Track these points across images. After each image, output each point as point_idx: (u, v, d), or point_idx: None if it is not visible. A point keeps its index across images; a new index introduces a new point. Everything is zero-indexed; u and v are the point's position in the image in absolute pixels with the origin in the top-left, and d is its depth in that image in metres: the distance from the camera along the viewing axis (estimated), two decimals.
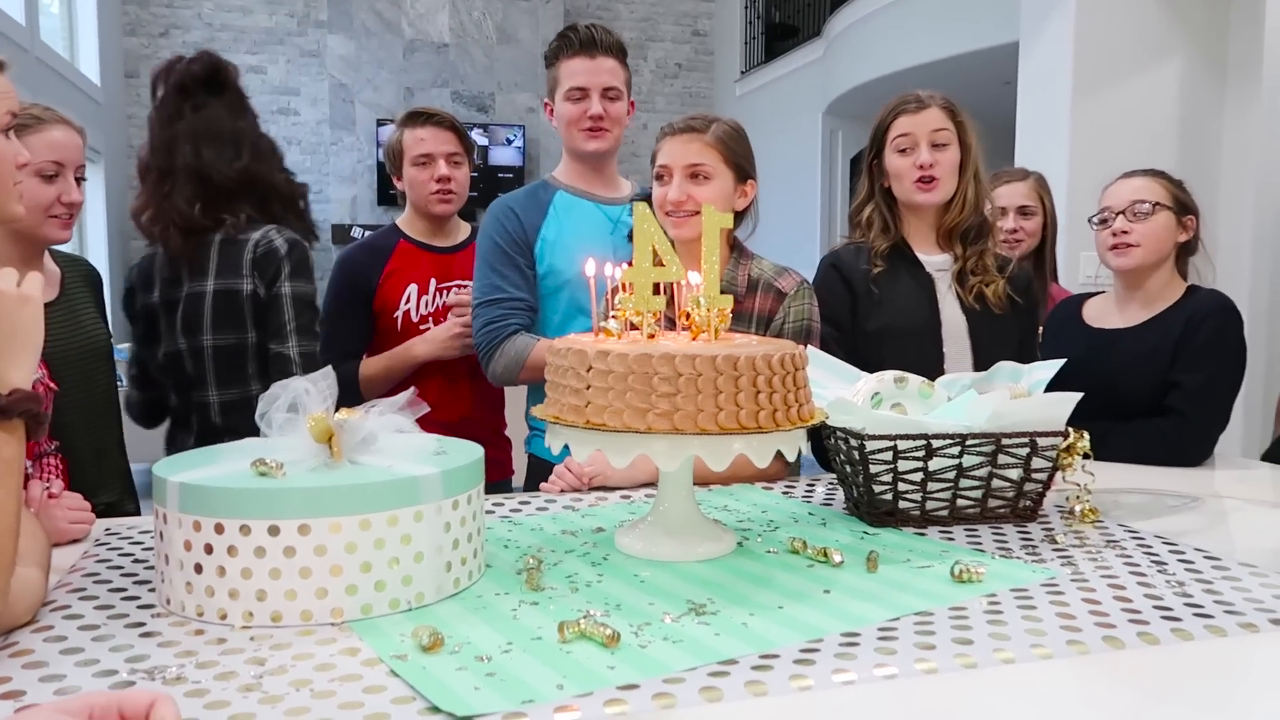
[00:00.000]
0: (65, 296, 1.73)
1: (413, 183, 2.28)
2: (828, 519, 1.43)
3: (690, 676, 0.87)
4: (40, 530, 1.13)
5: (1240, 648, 0.96)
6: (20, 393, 0.91)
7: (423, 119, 2.29)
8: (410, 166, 2.27)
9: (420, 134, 2.27)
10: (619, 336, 1.26)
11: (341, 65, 9.08)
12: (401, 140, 2.29)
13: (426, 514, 1.04)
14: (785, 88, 8.71)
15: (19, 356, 0.93)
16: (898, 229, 1.91)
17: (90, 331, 1.74)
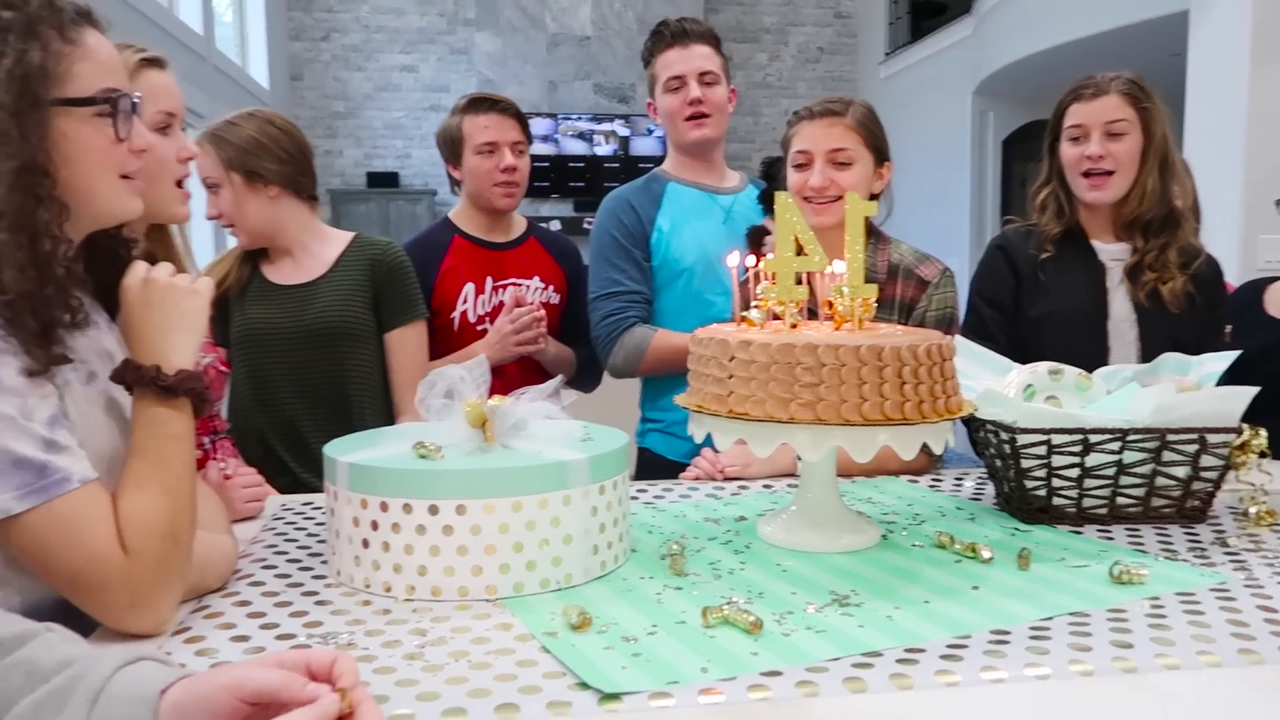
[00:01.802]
0: (325, 279, 1.84)
1: (475, 172, 2.12)
2: (976, 514, 1.39)
3: (834, 666, 0.87)
4: (223, 503, 1.23)
5: None
6: (185, 373, 0.99)
7: (486, 105, 2.14)
8: (473, 155, 2.12)
9: (483, 121, 2.12)
10: (761, 326, 1.26)
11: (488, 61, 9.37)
12: (461, 127, 2.13)
13: (574, 498, 1.08)
14: (933, 68, 8.42)
15: (184, 342, 1.01)
16: (1072, 214, 1.82)
17: (324, 315, 1.82)
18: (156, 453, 0.96)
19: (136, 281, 1.01)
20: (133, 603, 0.91)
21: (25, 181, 0.89)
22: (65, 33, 0.93)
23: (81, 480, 0.89)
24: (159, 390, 0.97)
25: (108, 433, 1.00)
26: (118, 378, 0.99)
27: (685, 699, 0.81)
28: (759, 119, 9.78)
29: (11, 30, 0.90)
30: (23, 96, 0.89)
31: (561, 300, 2.23)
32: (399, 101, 9.47)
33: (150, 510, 0.93)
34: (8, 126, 0.89)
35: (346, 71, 9.40)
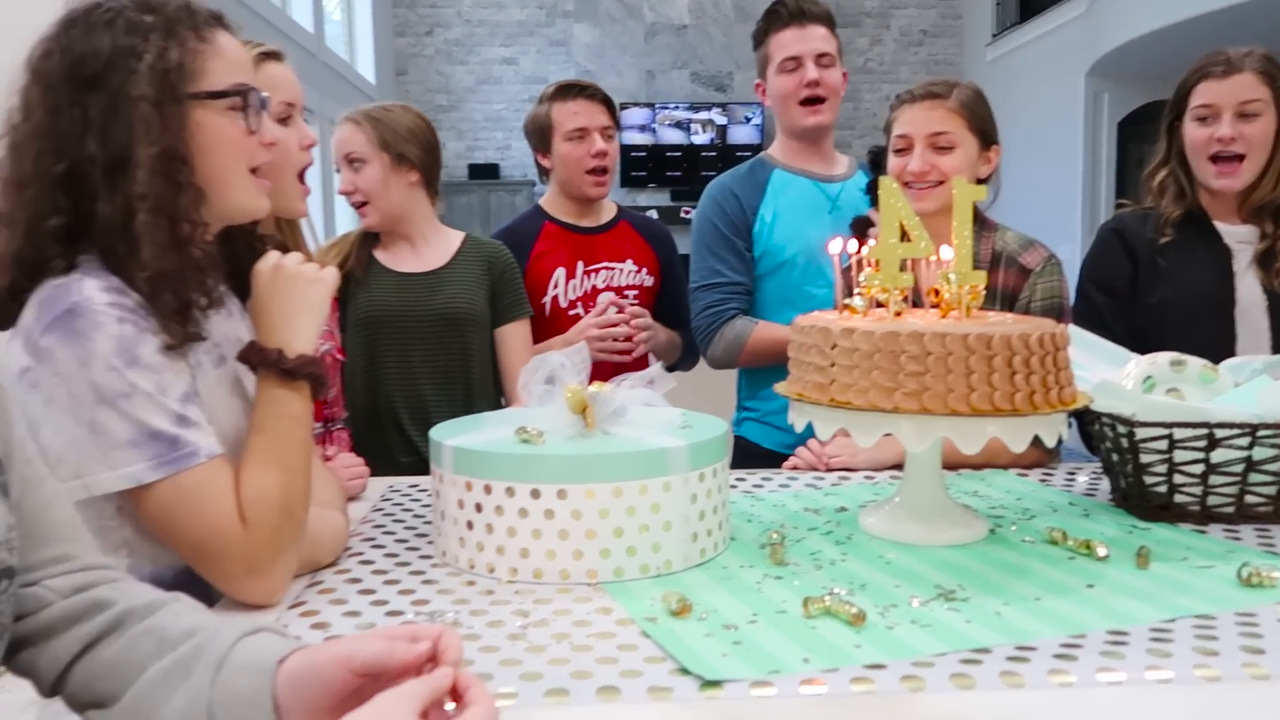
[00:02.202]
0: (445, 270, 1.92)
1: (566, 159, 2.11)
2: (1091, 510, 1.34)
3: (940, 662, 0.85)
4: (337, 483, 1.28)
5: None
6: (305, 357, 1.04)
7: (575, 91, 2.12)
8: (563, 142, 2.10)
9: (573, 107, 2.10)
10: (864, 314, 1.24)
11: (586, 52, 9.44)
12: (550, 115, 2.11)
13: (674, 485, 1.08)
14: (1043, 49, 8.11)
15: (306, 327, 1.06)
16: (1194, 196, 1.72)
17: (449, 303, 1.91)
18: (276, 431, 1.01)
19: (267, 267, 1.07)
20: (249, 571, 0.96)
21: (166, 168, 0.95)
22: (200, 33, 1.00)
23: (208, 455, 0.94)
24: (281, 372, 1.02)
25: (233, 412, 1.05)
26: (243, 358, 1.04)
27: (787, 688, 0.81)
28: (859, 105, 9.59)
29: (153, 31, 0.96)
30: (163, 90, 0.96)
31: (655, 283, 2.22)
32: (499, 94, 9.62)
33: (268, 485, 0.97)
34: (150, 116, 0.94)
35: (449, 65, 9.60)
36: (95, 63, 0.94)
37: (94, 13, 0.96)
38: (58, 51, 0.95)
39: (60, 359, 0.91)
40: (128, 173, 0.94)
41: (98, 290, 0.93)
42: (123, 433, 0.91)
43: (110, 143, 0.94)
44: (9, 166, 0.95)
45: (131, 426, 0.91)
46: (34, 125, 0.94)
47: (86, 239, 0.95)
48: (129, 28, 0.95)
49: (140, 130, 0.94)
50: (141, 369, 0.92)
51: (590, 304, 2.14)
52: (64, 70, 0.94)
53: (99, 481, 0.91)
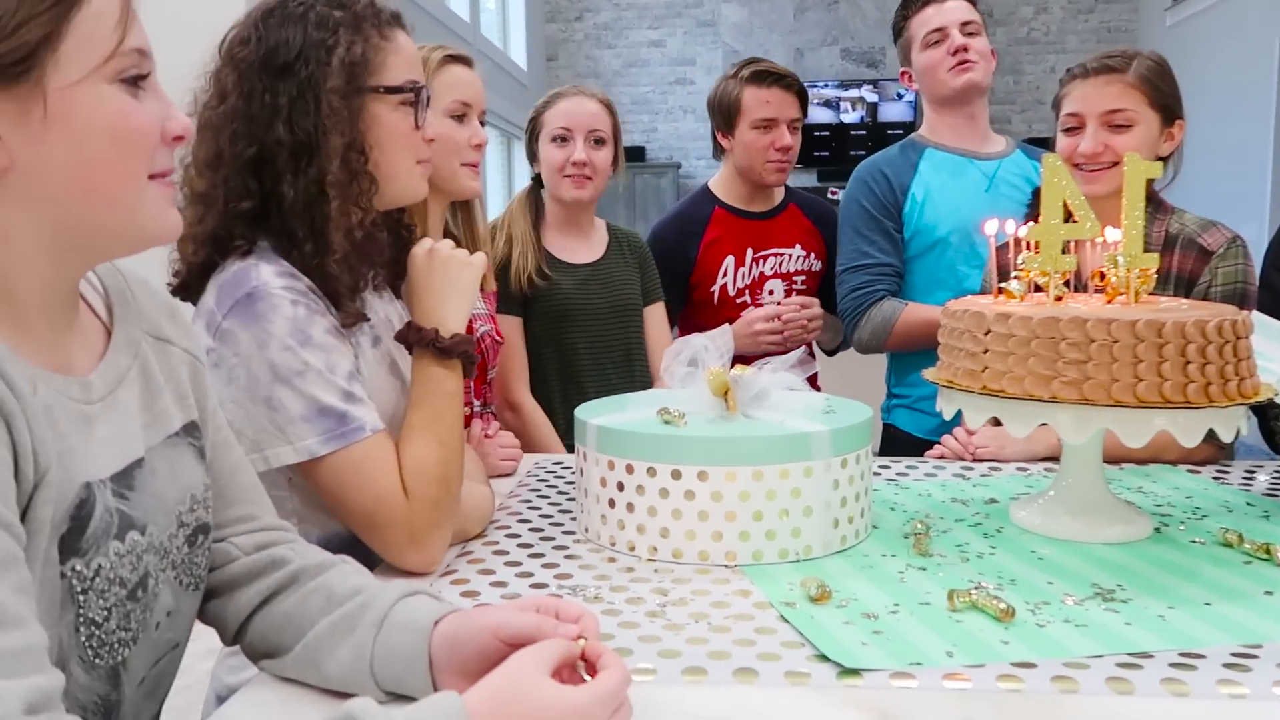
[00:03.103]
0: (605, 259, 2.01)
1: (749, 147, 2.07)
2: (1272, 511, 1.24)
3: (1095, 664, 0.81)
4: (480, 458, 1.33)
5: None
6: (459, 336, 1.09)
7: (771, 79, 2.07)
8: (749, 129, 2.06)
9: (766, 95, 2.06)
10: (1021, 299, 1.18)
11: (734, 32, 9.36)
12: (741, 97, 2.07)
13: (816, 470, 1.07)
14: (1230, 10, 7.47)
15: (458, 308, 1.11)
16: None
17: (619, 290, 2.00)
18: (432, 407, 1.05)
19: (422, 252, 1.12)
20: (411, 540, 1.01)
21: (350, 157, 1.02)
22: (382, 30, 1.06)
23: (373, 429, 1.00)
24: (436, 351, 1.07)
25: (389, 390, 1.11)
26: (401, 338, 1.09)
27: (928, 681, 0.79)
28: (1020, 78, 9.11)
29: (342, 26, 1.02)
30: (350, 81, 1.02)
31: (823, 267, 2.19)
32: (646, 76, 9.66)
33: (428, 458, 1.02)
34: (339, 107, 1.01)
35: (598, 50, 9.71)
36: (288, 52, 1.01)
37: (289, 5, 1.03)
38: (254, 39, 1.02)
39: (241, 340, 0.98)
40: (314, 159, 1.00)
41: (273, 275, 0.99)
42: (297, 408, 0.98)
43: (298, 129, 1.00)
44: (203, 146, 1.02)
45: (305, 402, 0.98)
46: (228, 108, 1.01)
47: (266, 221, 1.02)
48: (320, 21, 1.02)
49: (329, 120, 1.00)
50: (313, 348, 0.99)
51: (758, 291, 2.13)
52: (259, 57, 1.01)
53: (277, 454, 0.98)
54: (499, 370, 1.86)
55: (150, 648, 0.74)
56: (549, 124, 1.94)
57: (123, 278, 0.80)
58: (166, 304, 0.84)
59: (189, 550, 0.77)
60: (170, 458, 0.76)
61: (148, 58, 0.68)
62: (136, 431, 0.73)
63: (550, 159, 1.93)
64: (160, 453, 0.75)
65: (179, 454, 0.78)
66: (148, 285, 0.83)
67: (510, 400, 1.87)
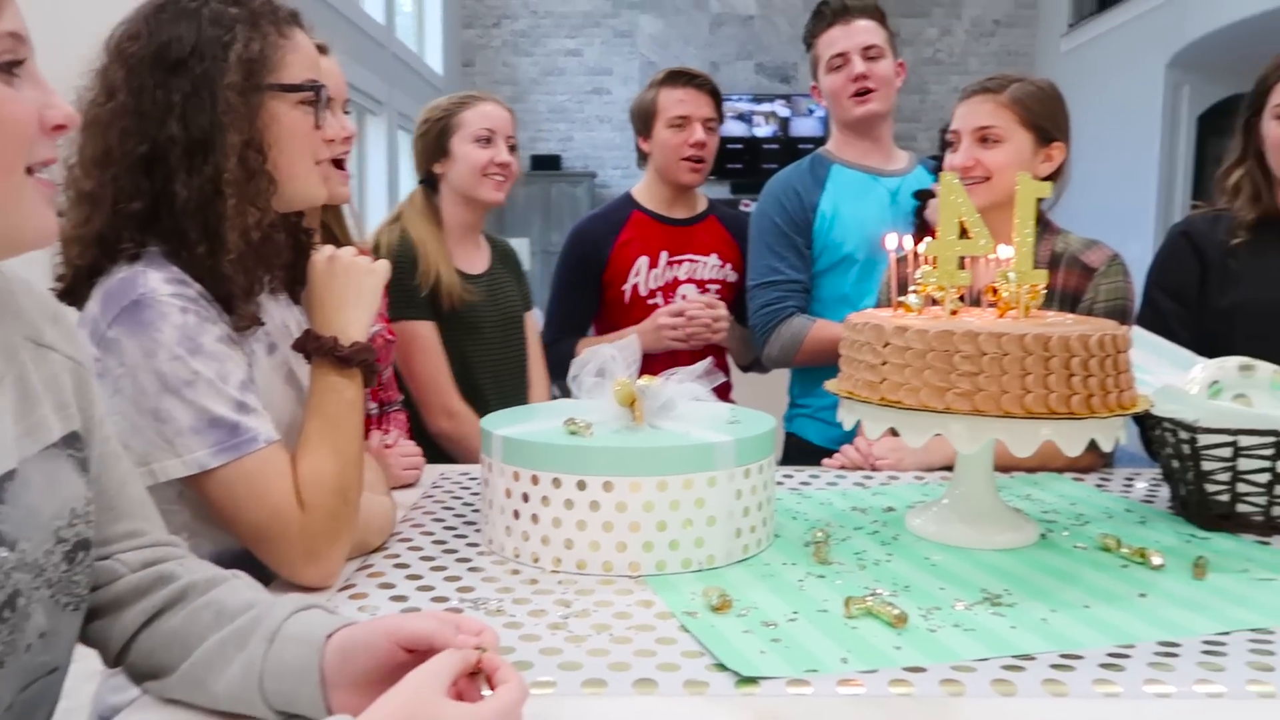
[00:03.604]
0: (492, 270, 2.02)
1: (664, 146, 2.12)
2: (1148, 517, 1.30)
3: (982, 667, 0.84)
4: (381, 468, 1.30)
5: None
6: (359, 345, 1.07)
7: (684, 79, 2.13)
8: (664, 128, 2.11)
9: (679, 95, 2.11)
10: (919, 312, 1.22)
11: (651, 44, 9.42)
12: (657, 100, 2.13)
13: (720, 480, 1.08)
14: (1121, 39, 7.85)
15: (359, 316, 1.09)
16: (1271, 198, 1.66)
17: (509, 300, 2.02)
18: (331, 417, 1.03)
19: (323, 258, 1.10)
20: (307, 554, 0.98)
21: (247, 155, 0.99)
22: (280, 28, 1.04)
23: (267, 440, 0.97)
24: (335, 360, 1.05)
25: (286, 399, 1.08)
26: (299, 347, 1.07)
27: (824, 688, 0.81)
28: (926, 97, 9.41)
29: (239, 22, 1.00)
30: (248, 78, 0.99)
31: (739, 279, 2.21)
32: (563, 85, 9.66)
33: (324, 469, 1.00)
34: (237, 104, 0.98)
35: (515, 57, 9.67)
36: (181, 48, 0.98)
37: (181, 1, 1.00)
38: (145, 35, 0.99)
39: (127, 349, 0.94)
40: (209, 157, 0.97)
41: (161, 282, 0.96)
42: (186, 419, 0.94)
43: (193, 126, 0.97)
44: (89, 144, 0.98)
45: (195, 413, 0.95)
46: (117, 105, 0.98)
47: (157, 223, 0.99)
48: (215, 18, 0.99)
49: (226, 117, 0.97)
50: (204, 357, 0.96)
51: (670, 295, 2.16)
52: (150, 53, 0.98)
53: (165, 468, 0.95)
54: (429, 378, 1.85)
55: (19, 671, 0.70)
56: (469, 125, 1.92)
57: (3, 280, 0.76)
58: (50, 308, 0.81)
59: (68, 568, 0.74)
60: (47, 470, 0.73)
61: (23, 43, 0.66)
62: (9, 442, 0.70)
63: (474, 159, 1.91)
64: (36, 464, 0.72)
65: (57, 466, 0.74)
66: (30, 288, 0.79)
67: (446, 408, 1.85)
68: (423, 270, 1.85)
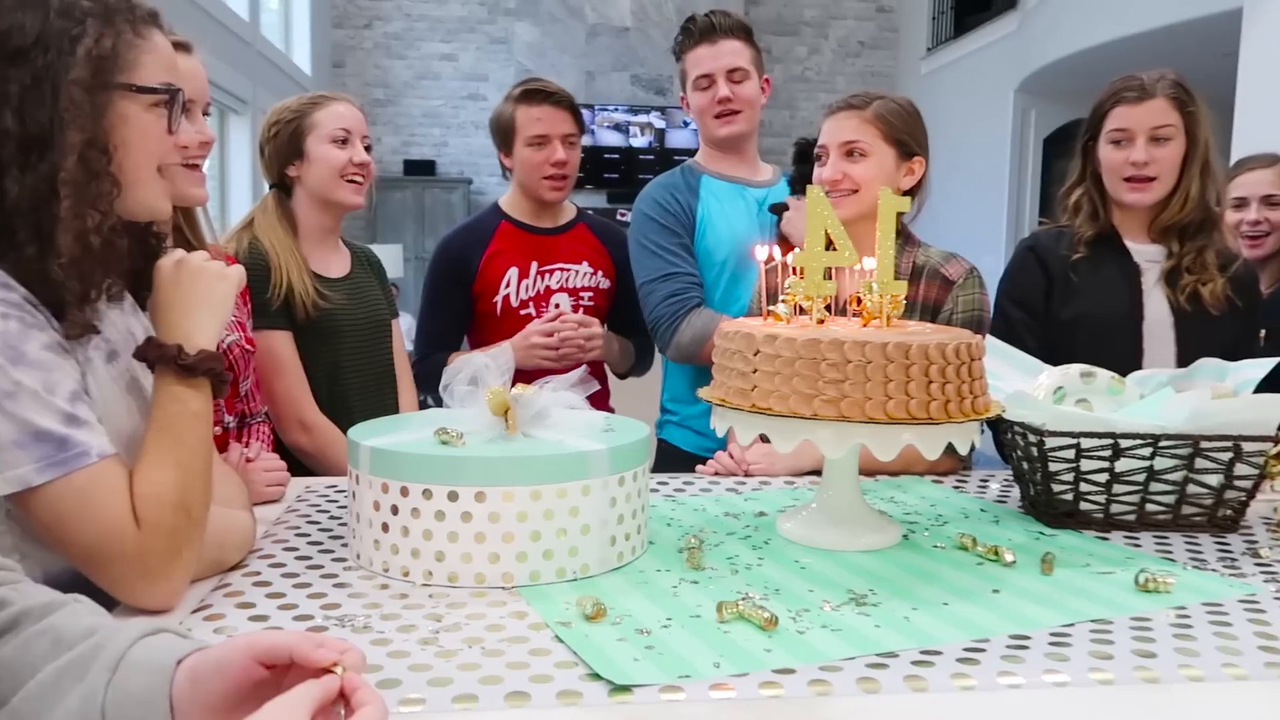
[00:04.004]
0: (354, 274, 1.95)
1: (526, 163, 2.11)
2: (1001, 516, 1.37)
3: (848, 666, 0.86)
4: (243, 482, 1.24)
5: None
6: (206, 353, 1.02)
7: (540, 97, 2.11)
8: (524, 146, 2.10)
9: (536, 113, 2.09)
10: (788, 321, 1.25)
11: (527, 51, 9.38)
12: (515, 118, 2.11)
13: (594, 488, 1.08)
14: (975, 64, 8.31)
15: (207, 323, 1.04)
16: (1107, 216, 1.78)
17: (373, 305, 1.96)
18: (173, 429, 0.98)
19: (170, 263, 1.04)
20: (145, 574, 0.93)
21: (89, 155, 0.93)
22: (136, 27, 0.99)
23: (100, 455, 0.91)
24: (179, 369, 0.99)
25: (127, 411, 1.02)
26: (140, 355, 1.01)
27: (696, 693, 0.81)
28: (796, 113, 9.71)
29: (91, 16, 0.94)
30: (96, 75, 0.94)
31: (612, 286, 2.22)
32: (438, 90, 9.52)
33: (164, 483, 0.94)
34: (81, 101, 0.92)
35: (388, 59, 9.46)
36: (23, 37, 0.91)
37: None
38: None
39: None
40: (46, 154, 0.91)
41: None
42: (7, 433, 0.87)
43: (29, 120, 0.91)
44: None
45: (16, 427, 0.88)
46: None
47: None
48: (65, 9, 0.93)
49: (69, 114, 0.91)
50: (27, 366, 0.89)
51: (543, 305, 2.13)
52: None
53: None
54: (283, 391, 1.77)
55: None
56: (323, 125, 1.85)
57: None
58: None
59: None
60: None
61: None
62: None
63: (333, 160, 1.85)
64: None
65: None
66: None
67: (302, 420, 1.78)
68: (275, 281, 1.77)
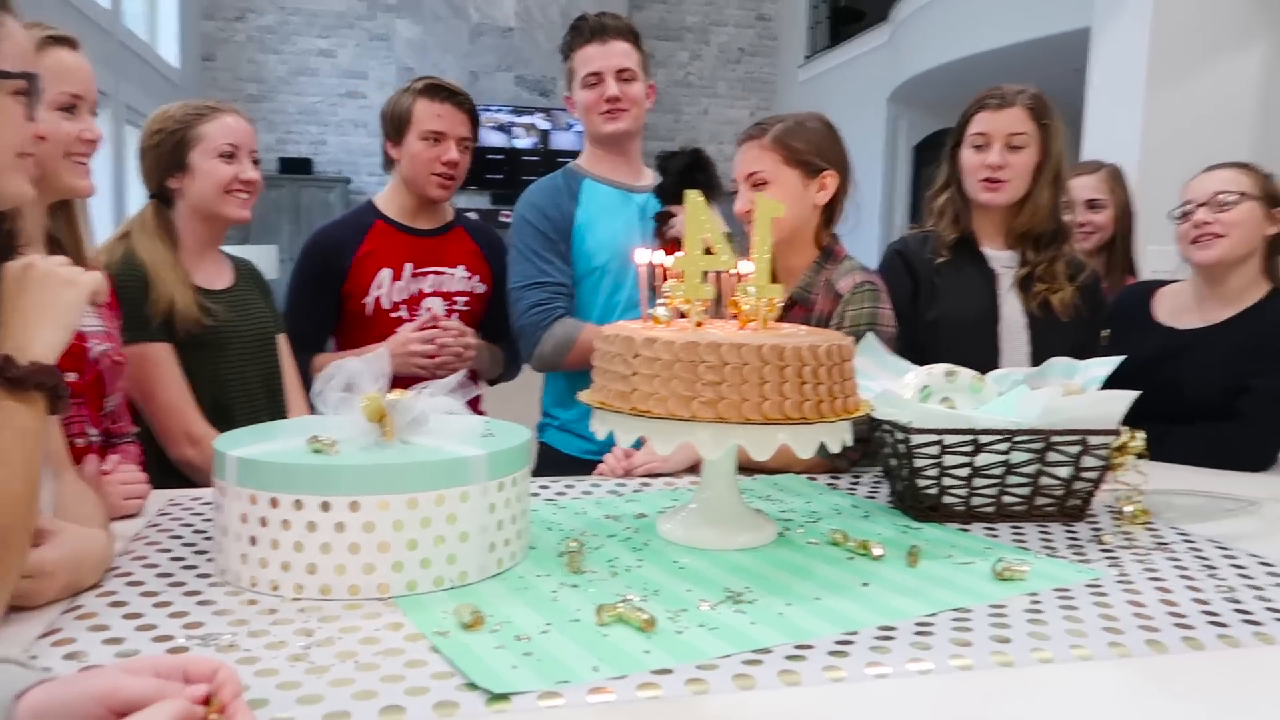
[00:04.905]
0: (237, 287, 1.87)
1: (415, 158, 2.07)
2: (871, 512, 1.42)
3: (724, 664, 0.88)
4: (99, 498, 1.18)
5: None
6: (38, 365, 0.94)
7: (444, 94, 2.08)
8: (417, 140, 2.06)
9: (438, 109, 2.06)
10: (667, 324, 1.27)
11: (409, 49, 9.21)
12: (413, 109, 2.07)
13: (472, 495, 1.07)
14: (849, 73, 8.60)
15: (48, 331, 0.97)
16: (968, 221, 1.88)
17: (258, 318, 1.88)
18: None
19: (18, 265, 0.98)
20: None
21: None
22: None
23: None
24: (5, 381, 0.92)
25: None
26: None
27: (575, 698, 0.81)
28: (679, 117, 9.84)
29: None
30: None
31: (488, 291, 2.20)
32: (315, 86, 9.24)
33: None
34: None
35: (261, 54, 9.13)
36: None
37: None
38: None
39: None
40: None
41: None
42: None
43: None
44: None
45: None
46: None
47: None
48: None
49: None
50: None
51: (415, 307, 2.09)
52: None
53: None
54: (167, 404, 1.69)
55: None
56: (210, 139, 1.77)
57: None
58: None
59: None
60: None
61: None
62: None
63: (217, 176, 1.77)
64: None
65: None
66: None
67: (189, 433, 1.70)
68: (155, 294, 1.68)
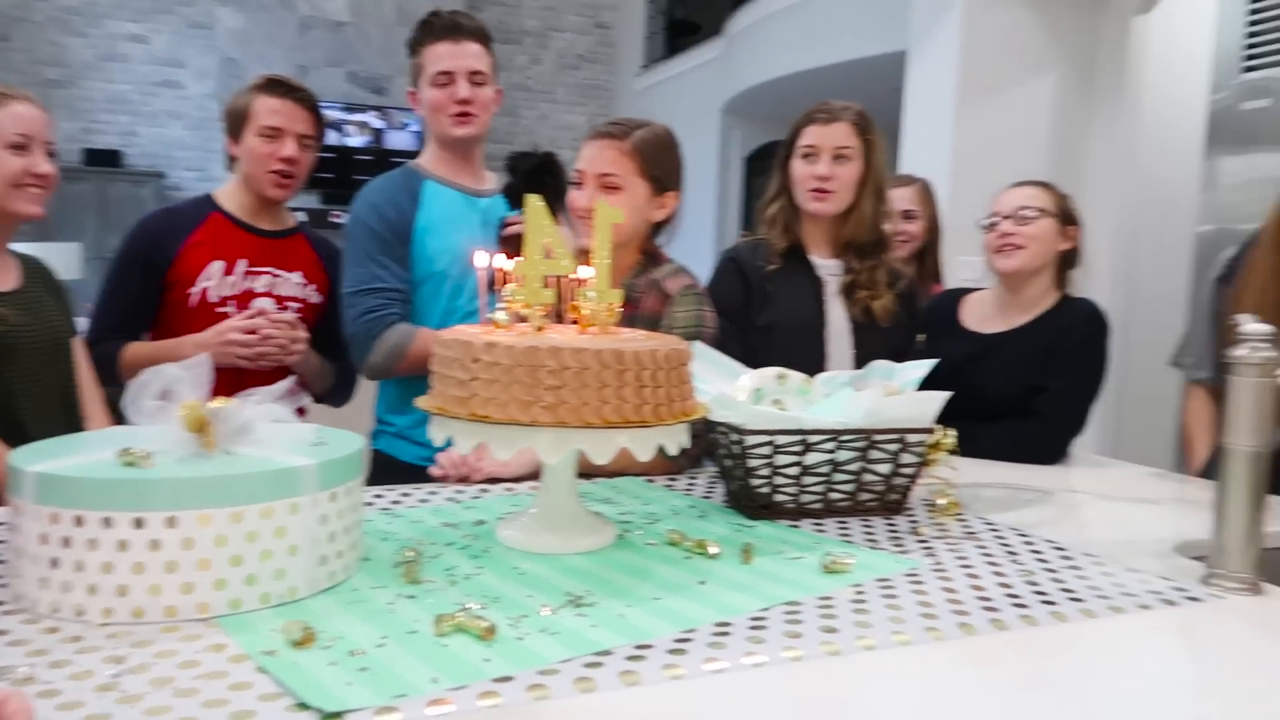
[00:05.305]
0: (27, 288, 1.73)
1: (253, 155, 2.03)
2: (707, 512, 1.46)
3: (565, 668, 0.88)
4: None
5: (1080, 633, 1.02)
6: None
7: (282, 90, 2.05)
8: (254, 136, 2.03)
9: (275, 104, 2.03)
10: (508, 328, 1.26)
11: (232, 39, 8.75)
12: (251, 105, 2.04)
13: (303, 506, 1.02)
14: (685, 84, 8.79)
15: None
16: (797, 231, 1.97)
17: (50, 322, 1.75)
18: None
19: None
20: None
21: None
22: None
23: None
24: None
25: None
26: None
27: (413, 712, 0.79)
28: (518, 120, 9.78)
29: None
30: None
31: (323, 303, 2.13)
32: (126, 74, 8.62)
33: None
34: None
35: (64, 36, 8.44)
36: None
37: None
38: None
39: None
40: None
41: None
42: None
43: None
44: None
45: None
46: None
47: None
48: None
49: None
50: None
51: (245, 305, 2.02)
52: None
53: None
54: None
55: None
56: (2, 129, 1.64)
57: None
58: None
59: None
60: None
61: None
62: None
63: (6, 169, 1.64)
64: None
65: None
66: None
67: None
68: None
